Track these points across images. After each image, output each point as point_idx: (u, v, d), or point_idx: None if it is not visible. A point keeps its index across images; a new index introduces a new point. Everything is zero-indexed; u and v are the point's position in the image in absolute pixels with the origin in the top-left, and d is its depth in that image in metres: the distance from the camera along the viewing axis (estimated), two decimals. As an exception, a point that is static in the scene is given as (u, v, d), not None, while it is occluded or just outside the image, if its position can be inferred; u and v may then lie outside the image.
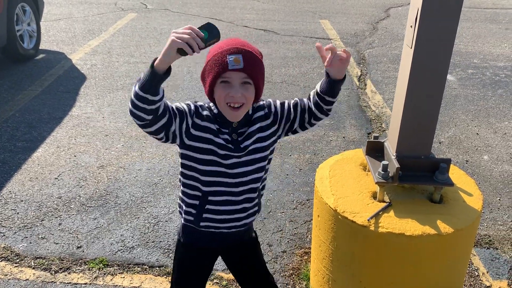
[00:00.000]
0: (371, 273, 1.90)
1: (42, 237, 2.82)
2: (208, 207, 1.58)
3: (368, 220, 1.80)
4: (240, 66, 1.40)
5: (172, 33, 1.25)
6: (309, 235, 2.90)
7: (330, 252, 2.00)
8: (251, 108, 1.56)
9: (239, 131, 1.54)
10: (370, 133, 4.27)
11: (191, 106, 1.51)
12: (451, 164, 1.99)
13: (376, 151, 2.12)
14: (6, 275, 2.52)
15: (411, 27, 1.83)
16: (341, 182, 2.05)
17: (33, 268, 2.58)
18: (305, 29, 7.70)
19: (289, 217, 3.07)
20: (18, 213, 3.02)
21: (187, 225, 1.66)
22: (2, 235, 2.83)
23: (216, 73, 1.41)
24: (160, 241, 2.81)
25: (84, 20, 7.79)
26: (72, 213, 3.04)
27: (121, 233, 2.87)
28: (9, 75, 5.34)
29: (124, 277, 2.54)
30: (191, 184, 1.58)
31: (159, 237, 2.84)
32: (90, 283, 2.49)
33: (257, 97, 1.50)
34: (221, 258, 1.82)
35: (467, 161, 3.85)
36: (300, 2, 9.76)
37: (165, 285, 2.49)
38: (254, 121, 1.56)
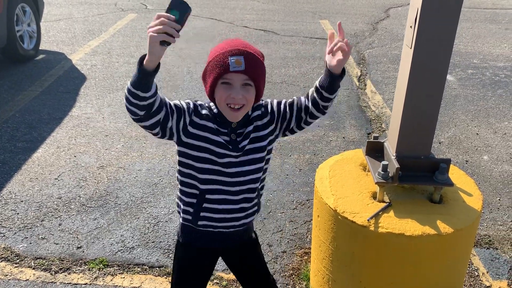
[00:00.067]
0: (371, 273, 1.90)
1: (42, 237, 2.82)
2: (205, 205, 1.58)
3: (368, 220, 1.80)
4: (241, 68, 1.40)
5: (148, 30, 1.24)
6: (309, 235, 2.90)
7: (330, 252, 2.00)
8: (251, 108, 1.56)
9: (238, 131, 1.54)
10: (370, 133, 4.27)
11: (190, 104, 1.52)
12: (451, 164, 1.99)
13: (376, 151, 2.13)
14: (6, 275, 2.52)
15: (410, 27, 1.83)
16: (341, 182, 2.05)
17: (33, 269, 2.58)
18: (305, 29, 7.70)
19: (289, 217, 3.07)
20: (18, 213, 3.02)
21: (185, 224, 1.66)
22: (2, 235, 2.83)
23: (217, 74, 1.42)
24: (160, 241, 2.81)
25: (84, 21, 7.80)
26: (72, 213, 3.04)
27: (121, 233, 2.87)
28: (9, 76, 5.34)
29: (124, 278, 2.54)
30: (188, 182, 1.58)
31: (159, 237, 2.85)
32: (90, 284, 2.49)
33: (257, 99, 1.51)
34: (221, 258, 1.83)
35: (467, 161, 3.85)
36: (300, 3, 9.77)
37: (165, 286, 2.49)
38: (252, 120, 1.57)
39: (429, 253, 1.81)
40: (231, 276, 2.56)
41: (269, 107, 1.61)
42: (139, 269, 2.61)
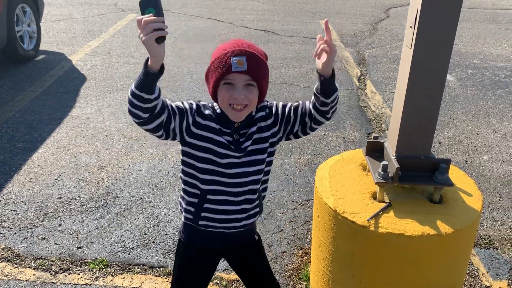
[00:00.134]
0: (371, 273, 1.90)
1: (42, 237, 2.82)
2: (206, 205, 1.58)
3: (368, 221, 1.80)
4: (243, 68, 1.40)
5: (140, 36, 1.29)
6: (309, 236, 2.90)
7: (330, 252, 2.00)
8: (254, 108, 1.55)
9: (241, 132, 1.54)
10: (370, 133, 4.27)
11: (193, 104, 1.52)
12: (451, 165, 1.99)
13: (376, 151, 2.12)
14: (6, 275, 2.52)
15: (410, 27, 1.83)
16: (341, 183, 2.05)
17: (33, 269, 2.58)
18: (305, 29, 7.70)
19: (289, 218, 3.07)
20: (18, 213, 3.03)
21: (187, 223, 1.66)
22: (2, 235, 2.83)
23: (219, 74, 1.42)
24: (160, 242, 2.81)
25: (84, 21, 7.80)
26: (72, 213, 3.04)
27: (121, 233, 2.87)
28: (9, 76, 5.35)
29: (124, 278, 2.54)
30: (190, 182, 1.58)
31: (159, 237, 2.85)
32: (90, 284, 2.49)
33: (260, 99, 1.50)
34: (223, 259, 1.82)
35: (467, 161, 3.85)
36: (299, 3, 9.77)
37: (165, 286, 2.49)
38: (255, 121, 1.56)
39: (429, 253, 1.81)
40: (231, 277, 2.56)
41: (273, 109, 1.60)
42: (139, 269, 2.61)
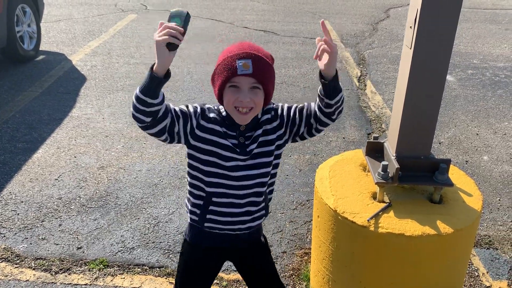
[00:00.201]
0: (371, 273, 1.90)
1: (42, 238, 2.82)
2: (211, 208, 1.59)
3: (368, 221, 1.80)
4: (249, 71, 1.40)
5: (154, 37, 1.30)
6: (309, 236, 2.90)
7: (330, 252, 2.00)
8: (260, 111, 1.55)
9: (246, 134, 1.54)
10: (370, 133, 4.27)
11: (197, 108, 1.52)
12: (451, 165, 1.99)
13: (376, 151, 2.13)
14: (7, 276, 2.53)
15: (410, 27, 1.84)
16: (341, 183, 2.05)
17: (34, 269, 2.58)
18: (305, 29, 7.71)
19: (289, 218, 3.07)
20: (18, 214, 3.03)
21: (193, 225, 1.67)
22: (3, 236, 2.83)
23: (225, 77, 1.42)
24: (160, 242, 2.81)
25: (84, 21, 7.80)
26: (72, 214, 3.04)
27: (121, 233, 2.87)
28: (9, 76, 5.35)
29: (124, 278, 2.54)
30: (196, 184, 1.59)
31: (159, 237, 2.85)
32: (91, 284, 2.49)
33: (266, 102, 1.50)
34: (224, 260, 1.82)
35: (467, 161, 3.85)
36: (300, 3, 9.77)
37: (165, 286, 2.49)
38: (261, 124, 1.56)
39: (429, 253, 1.81)
40: (231, 277, 2.56)
41: (279, 111, 1.60)
42: (139, 269, 2.61)
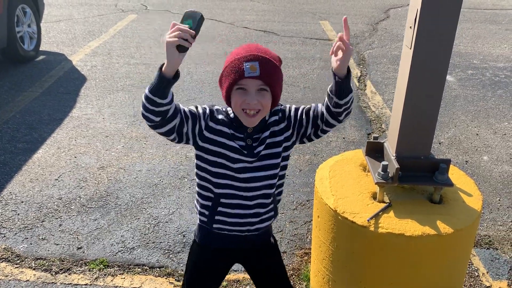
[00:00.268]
0: (371, 273, 1.90)
1: (42, 238, 2.82)
2: (220, 209, 1.59)
3: (368, 221, 1.81)
4: (256, 73, 1.40)
5: (165, 38, 1.30)
6: (309, 236, 2.91)
7: (330, 252, 2.01)
8: (268, 113, 1.55)
9: (254, 136, 1.54)
10: (370, 133, 4.27)
11: (206, 109, 1.53)
12: (451, 165, 1.99)
13: (376, 151, 2.13)
14: (7, 276, 2.53)
15: (410, 28, 1.84)
16: (341, 183, 2.05)
17: (34, 269, 2.58)
18: (305, 30, 7.71)
19: (289, 218, 3.08)
20: (18, 214, 3.03)
21: (202, 226, 1.68)
22: (3, 236, 2.83)
23: (232, 80, 1.42)
24: (161, 242, 2.81)
25: (84, 22, 7.80)
26: (73, 214, 3.05)
27: (121, 234, 2.87)
28: (9, 77, 5.35)
29: (124, 278, 2.54)
30: (204, 186, 1.60)
31: (159, 238, 2.85)
32: (91, 284, 2.49)
33: (274, 104, 1.50)
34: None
35: (466, 161, 3.85)
36: (300, 3, 9.77)
37: (165, 286, 2.49)
38: (268, 126, 1.56)
39: (429, 253, 1.81)
40: (231, 277, 2.56)
41: (286, 112, 1.59)
42: (139, 269, 2.61)
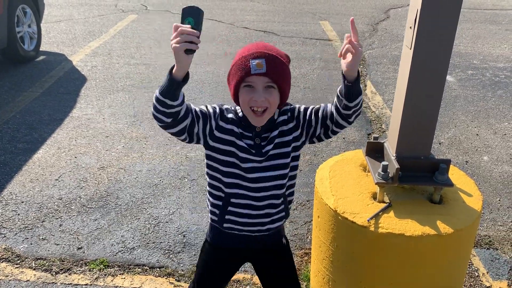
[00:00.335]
0: (371, 273, 1.90)
1: (42, 238, 2.82)
2: (230, 209, 1.59)
3: (368, 221, 1.81)
4: (262, 70, 1.40)
5: (171, 42, 1.28)
6: (309, 236, 2.91)
7: (330, 252, 2.01)
8: (277, 112, 1.55)
9: (262, 135, 1.54)
10: (370, 134, 4.27)
11: (216, 109, 1.54)
12: (451, 165, 1.99)
13: (376, 151, 2.13)
14: (7, 276, 2.53)
15: (410, 28, 1.84)
16: (341, 183, 2.05)
17: (34, 269, 2.58)
18: (305, 30, 7.71)
19: (289, 218, 3.07)
20: (18, 214, 3.03)
21: (213, 225, 1.68)
22: (3, 236, 2.83)
23: (239, 77, 1.43)
24: (161, 242, 2.81)
25: (84, 22, 7.81)
26: (73, 214, 3.05)
27: (121, 234, 2.88)
28: (10, 77, 5.35)
29: (124, 278, 2.55)
30: (214, 185, 1.60)
31: (159, 238, 2.85)
32: (91, 284, 2.49)
33: (282, 101, 1.50)
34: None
35: (467, 161, 3.85)
36: (300, 3, 9.78)
37: (165, 286, 2.49)
38: (277, 125, 1.56)
39: (429, 254, 1.81)
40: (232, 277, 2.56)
41: (295, 112, 1.59)
42: (139, 269, 2.61)
